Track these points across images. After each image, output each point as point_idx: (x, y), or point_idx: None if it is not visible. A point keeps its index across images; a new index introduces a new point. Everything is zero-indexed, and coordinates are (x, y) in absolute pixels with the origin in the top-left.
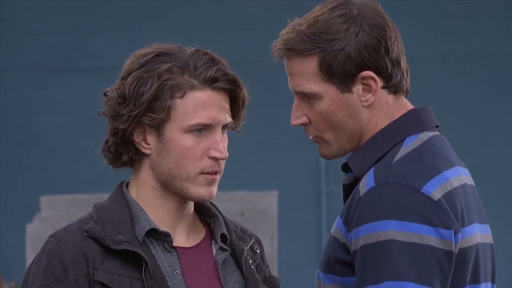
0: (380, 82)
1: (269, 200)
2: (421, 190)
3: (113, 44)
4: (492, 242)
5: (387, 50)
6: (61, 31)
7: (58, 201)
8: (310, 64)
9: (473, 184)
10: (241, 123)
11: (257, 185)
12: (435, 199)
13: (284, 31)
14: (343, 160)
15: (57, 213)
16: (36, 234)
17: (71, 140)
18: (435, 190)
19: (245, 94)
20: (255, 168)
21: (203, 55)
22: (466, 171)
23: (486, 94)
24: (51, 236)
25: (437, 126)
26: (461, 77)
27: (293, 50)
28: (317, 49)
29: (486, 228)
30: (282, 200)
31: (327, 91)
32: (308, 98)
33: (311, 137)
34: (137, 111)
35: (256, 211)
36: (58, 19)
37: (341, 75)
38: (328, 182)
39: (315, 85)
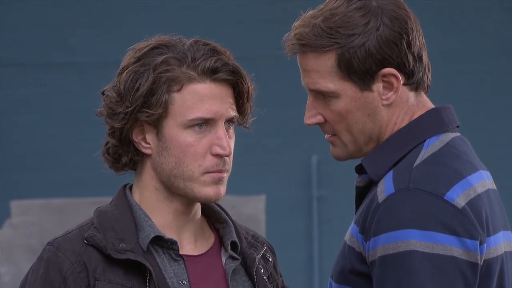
0: (401, 79)
1: (256, 205)
2: (444, 197)
3: (89, 37)
4: None
5: (409, 45)
6: (33, 24)
7: (30, 206)
8: (328, 61)
9: (495, 188)
10: (249, 118)
11: (243, 189)
12: (459, 207)
13: (296, 24)
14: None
15: (29, 218)
16: (7, 241)
17: (43, 141)
18: (458, 197)
19: (249, 86)
20: (241, 170)
21: (203, 45)
22: (488, 174)
23: (487, 93)
24: (48, 243)
25: (457, 126)
26: (460, 75)
27: (308, 45)
28: (335, 45)
29: (510, 235)
30: (270, 205)
31: (345, 90)
32: (324, 96)
33: (327, 135)
34: (133, 108)
35: (242, 216)
36: (29, 11)
37: (361, 72)
38: (320, 186)
39: (332, 83)
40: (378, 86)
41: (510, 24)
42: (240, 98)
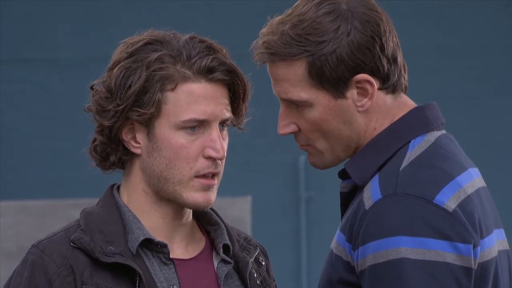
0: (376, 84)
1: (242, 207)
2: (434, 201)
3: (67, 32)
4: (508, 248)
5: (382, 48)
6: (8, 18)
7: (5, 208)
8: (298, 70)
9: (485, 185)
10: (244, 119)
11: (229, 190)
12: (450, 210)
13: (264, 31)
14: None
15: (4, 221)
16: None
17: (20, 140)
18: (448, 199)
19: (246, 86)
20: (226, 171)
21: (199, 42)
22: (476, 170)
23: (484, 91)
24: (33, 246)
25: (442, 123)
26: (456, 73)
27: (277, 54)
28: (304, 53)
29: (501, 233)
30: (256, 207)
31: (318, 98)
32: (297, 105)
33: (300, 145)
34: (124, 106)
35: (227, 219)
36: (6, 5)
37: (333, 80)
38: (308, 187)
39: (304, 92)
40: (352, 93)
41: (506, 20)
42: (235, 99)
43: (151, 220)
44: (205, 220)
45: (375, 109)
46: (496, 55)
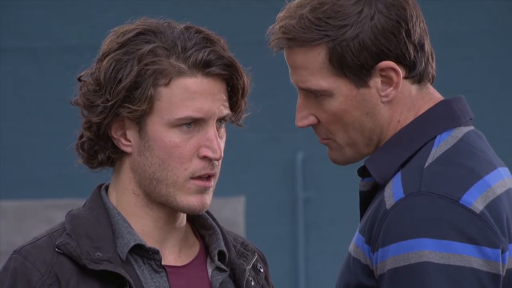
0: (402, 72)
1: (235, 208)
2: (460, 201)
3: (43, 19)
4: None
5: (408, 34)
6: None
7: None
8: (317, 56)
9: None
10: (243, 115)
11: (220, 190)
12: (477, 212)
13: (281, 15)
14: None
15: None
16: None
17: None
18: (476, 200)
19: (245, 81)
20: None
21: (195, 33)
22: (507, 170)
23: (492, 82)
24: (15, 251)
25: (470, 119)
26: (462, 61)
27: (295, 40)
28: (325, 38)
29: None
30: (250, 208)
31: (339, 87)
32: (316, 95)
33: (321, 138)
34: (113, 101)
35: (219, 220)
36: None
37: (356, 67)
38: (306, 187)
39: (324, 81)
40: (375, 82)
41: None
42: (234, 94)
43: (142, 224)
44: (199, 223)
45: (399, 100)
46: (509, 43)
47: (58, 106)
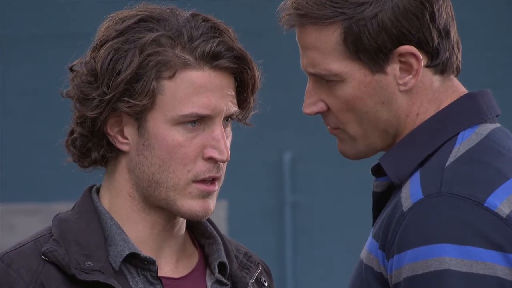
0: (423, 60)
1: (216, 213)
2: (485, 204)
3: (13, 7)
4: None
5: (433, 17)
6: None
7: None
8: (331, 36)
9: None
10: (251, 113)
11: None
12: (503, 216)
13: None
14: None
15: None
16: None
17: None
18: (502, 203)
19: (256, 76)
20: None
21: (202, 22)
22: None
23: (501, 75)
24: None
25: (497, 115)
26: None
27: (308, 16)
28: (340, 16)
29: None
30: (233, 213)
31: (352, 71)
32: (327, 80)
33: (330, 128)
34: (111, 95)
35: None
36: None
37: (372, 50)
38: (294, 190)
39: (336, 64)
40: (393, 68)
41: None
42: (243, 90)
43: (137, 230)
44: (198, 231)
45: (419, 90)
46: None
47: (26, 100)
